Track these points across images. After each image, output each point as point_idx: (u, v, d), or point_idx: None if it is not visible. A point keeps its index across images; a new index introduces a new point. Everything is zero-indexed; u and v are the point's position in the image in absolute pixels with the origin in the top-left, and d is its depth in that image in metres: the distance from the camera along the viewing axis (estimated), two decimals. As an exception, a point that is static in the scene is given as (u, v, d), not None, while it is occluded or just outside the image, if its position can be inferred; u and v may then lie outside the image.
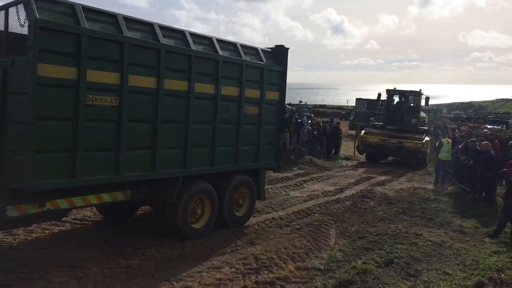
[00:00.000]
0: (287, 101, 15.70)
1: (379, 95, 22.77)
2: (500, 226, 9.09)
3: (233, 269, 6.91)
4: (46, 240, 8.01)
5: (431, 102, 24.29)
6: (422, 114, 23.56)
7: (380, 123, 22.26)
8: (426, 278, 6.77)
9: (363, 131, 21.73)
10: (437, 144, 15.26)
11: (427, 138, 19.86)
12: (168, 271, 6.76)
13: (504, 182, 9.45)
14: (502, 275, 6.85)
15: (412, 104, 21.91)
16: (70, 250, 7.53)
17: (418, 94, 21.53)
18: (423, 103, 21.80)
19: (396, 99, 22.41)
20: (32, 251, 7.40)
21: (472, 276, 6.78)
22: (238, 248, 7.94)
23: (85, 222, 9.22)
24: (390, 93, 22.26)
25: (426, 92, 21.61)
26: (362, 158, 21.51)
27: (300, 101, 51.64)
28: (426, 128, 22.19)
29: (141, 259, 7.17)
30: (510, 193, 9.10)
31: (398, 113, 21.62)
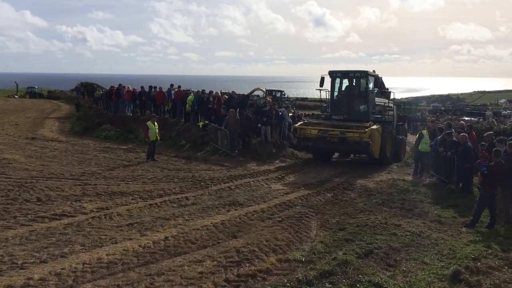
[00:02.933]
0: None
1: (322, 79, 17.37)
2: (476, 216, 9.30)
3: (215, 262, 6.94)
4: (24, 236, 7.91)
5: (413, 94, 23.84)
6: (380, 100, 18.98)
7: (327, 113, 18.58)
8: (405, 268, 6.90)
9: (299, 122, 18.08)
10: (417, 136, 15.44)
11: (373, 127, 15.94)
12: (149, 266, 6.76)
13: (479, 173, 9.66)
14: (478, 263, 7.01)
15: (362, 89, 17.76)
16: (50, 246, 7.46)
17: (365, 75, 17.32)
18: (372, 86, 17.71)
19: (345, 83, 18.33)
20: (10, 248, 7.31)
21: (449, 265, 6.92)
22: (220, 241, 7.96)
23: (64, 217, 9.13)
24: (333, 75, 17.78)
25: (406, 85, 20.37)
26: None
27: (282, 92, 50.82)
28: (380, 116, 17.68)
29: (123, 254, 7.15)
30: (485, 183, 9.31)
31: (345, 100, 17.86)
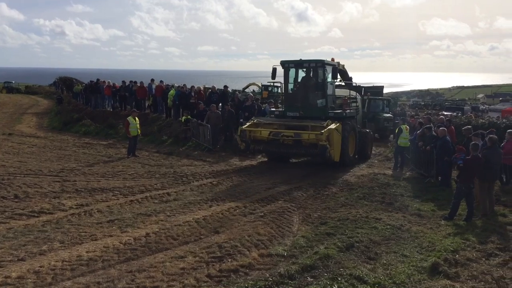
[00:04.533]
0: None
1: (274, 70, 15.33)
2: (454, 208, 9.46)
3: (197, 258, 6.91)
4: (1, 233, 7.76)
5: (393, 89, 23.60)
6: (343, 91, 16.82)
7: (281, 110, 16.25)
8: (385, 261, 6.99)
9: (248, 122, 15.52)
10: (396, 131, 15.57)
11: (331, 126, 13.79)
12: (130, 263, 6.69)
13: (455, 167, 9.83)
14: (457, 256, 7.15)
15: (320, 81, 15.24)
16: (28, 243, 7.33)
17: (322, 64, 14.91)
18: (330, 77, 15.37)
19: (301, 75, 15.81)
20: (-13, 246, 7.15)
21: (429, 258, 7.05)
22: (202, 237, 7.93)
23: (43, 214, 8.98)
24: (285, 66, 15.40)
25: (387, 80, 19.65)
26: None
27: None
28: (340, 111, 15.25)
29: (103, 251, 7.07)
30: (462, 176, 9.49)
31: (301, 94, 15.61)
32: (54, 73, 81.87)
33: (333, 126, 13.88)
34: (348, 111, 15.61)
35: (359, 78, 23.54)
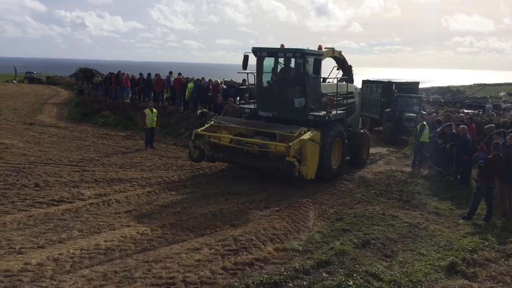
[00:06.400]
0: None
1: (246, 58, 12.47)
2: (473, 208, 9.32)
3: (212, 250, 6.96)
4: (22, 221, 7.92)
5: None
6: (325, 85, 13.49)
7: (252, 108, 13.36)
8: (401, 259, 6.93)
9: (206, 124, 12.99)
10: (418, 127, 15.27)
11: (305, 136, 11.16)
12: (147, 253, 6.78)
13: (476, 166, 9.67)
14: (475, 255, 7.05)
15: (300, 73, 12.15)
16: (48, 231, 7.47)
17: (301, 54, 11.80)
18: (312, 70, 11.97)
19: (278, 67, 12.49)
20: (8, 233, 7.32)
21: (446, 257, 6.97)
22: (217, 229, 7.97)
23: (62, 203, 9.13)
24: (258, 54, 12.36)
25: (408, 76, 16.76)
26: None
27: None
28: (324, 114, 12.12)
29: (120, 241, 7.17)
30: (482, 176, 9.33)
31: (276, 90, 12.82)
32: (74, 64, 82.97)
33: (307, 135, 11.15)
34: (335, 112, 12.49)
35: (378, 73, 22.94)
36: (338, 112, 12.76)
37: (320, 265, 6.47)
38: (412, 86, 24.81)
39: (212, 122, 12.80)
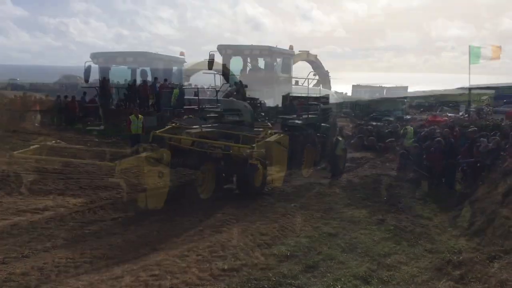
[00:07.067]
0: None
1: (212, 57, 12.16)
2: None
3: (200, 257, 6.90)
4: (6, 230, 7.77)
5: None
6: (297, 88, 13.47)
7: (218, 110, 12.91)
8: (388, 262, 6.96)
9: (167, 126, 12.05)
10: (401, 132, 15.44)
11: (270, 138, 11.06)
12: (133, 260, 6.70)
13: (460, 169, 9.80)
14: (461, 257, 7.08)
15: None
16: (32, 240, 7.35)
17: (268, 52, 11.23)
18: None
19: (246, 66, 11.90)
20: (-9, 242, 7.18)
21: (433, 259, 7.05)
22: (205, 236, 7.92)
23: (46, 212, 8.99)
24: (223, 52, 11.67)
25: (391, 81, 17.82)
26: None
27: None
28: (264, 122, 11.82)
29: (106, 249, 7.08)
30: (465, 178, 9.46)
31: (240, 90, 12.71)
32: (58, 71, 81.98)
33: (272, 138, 10.44)
34: (306, 117, 11.89)
35: (362, 78, 23.30)
36: (311, 116, 12.11)
37: (308, 270, 6.48)
38: (401, 91, 25.38)
39: (173, 124, 11.74)
